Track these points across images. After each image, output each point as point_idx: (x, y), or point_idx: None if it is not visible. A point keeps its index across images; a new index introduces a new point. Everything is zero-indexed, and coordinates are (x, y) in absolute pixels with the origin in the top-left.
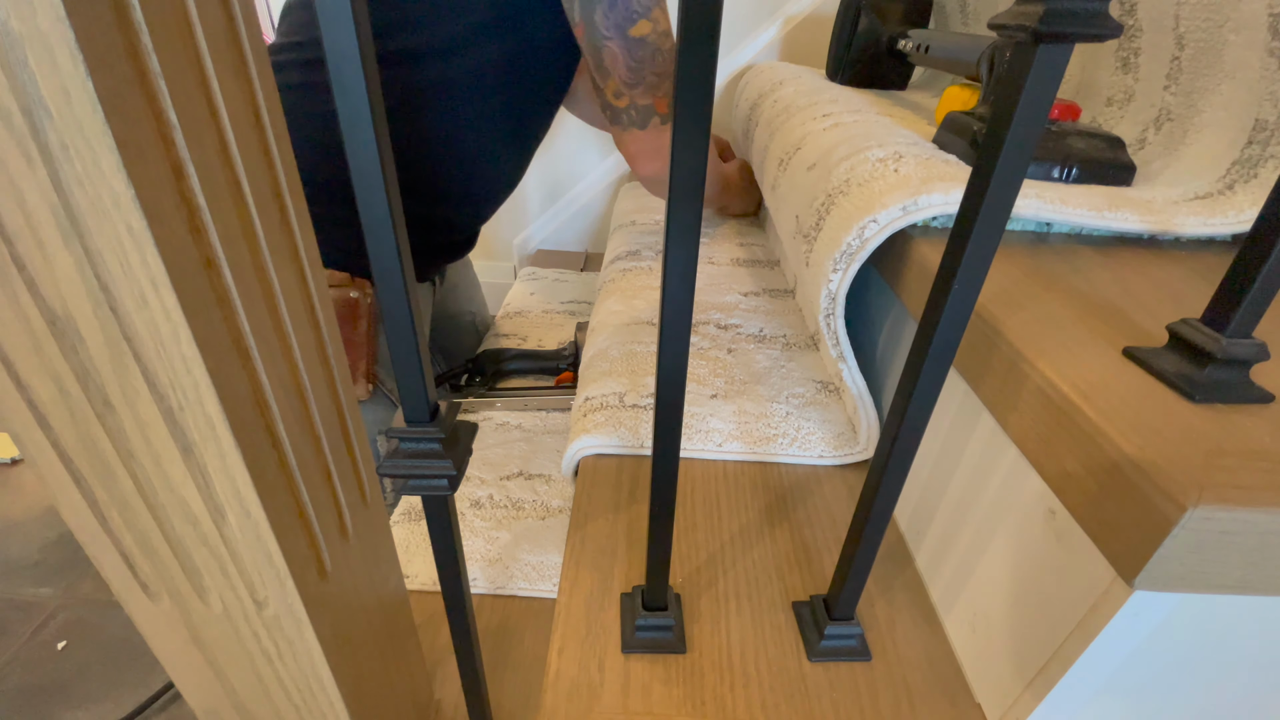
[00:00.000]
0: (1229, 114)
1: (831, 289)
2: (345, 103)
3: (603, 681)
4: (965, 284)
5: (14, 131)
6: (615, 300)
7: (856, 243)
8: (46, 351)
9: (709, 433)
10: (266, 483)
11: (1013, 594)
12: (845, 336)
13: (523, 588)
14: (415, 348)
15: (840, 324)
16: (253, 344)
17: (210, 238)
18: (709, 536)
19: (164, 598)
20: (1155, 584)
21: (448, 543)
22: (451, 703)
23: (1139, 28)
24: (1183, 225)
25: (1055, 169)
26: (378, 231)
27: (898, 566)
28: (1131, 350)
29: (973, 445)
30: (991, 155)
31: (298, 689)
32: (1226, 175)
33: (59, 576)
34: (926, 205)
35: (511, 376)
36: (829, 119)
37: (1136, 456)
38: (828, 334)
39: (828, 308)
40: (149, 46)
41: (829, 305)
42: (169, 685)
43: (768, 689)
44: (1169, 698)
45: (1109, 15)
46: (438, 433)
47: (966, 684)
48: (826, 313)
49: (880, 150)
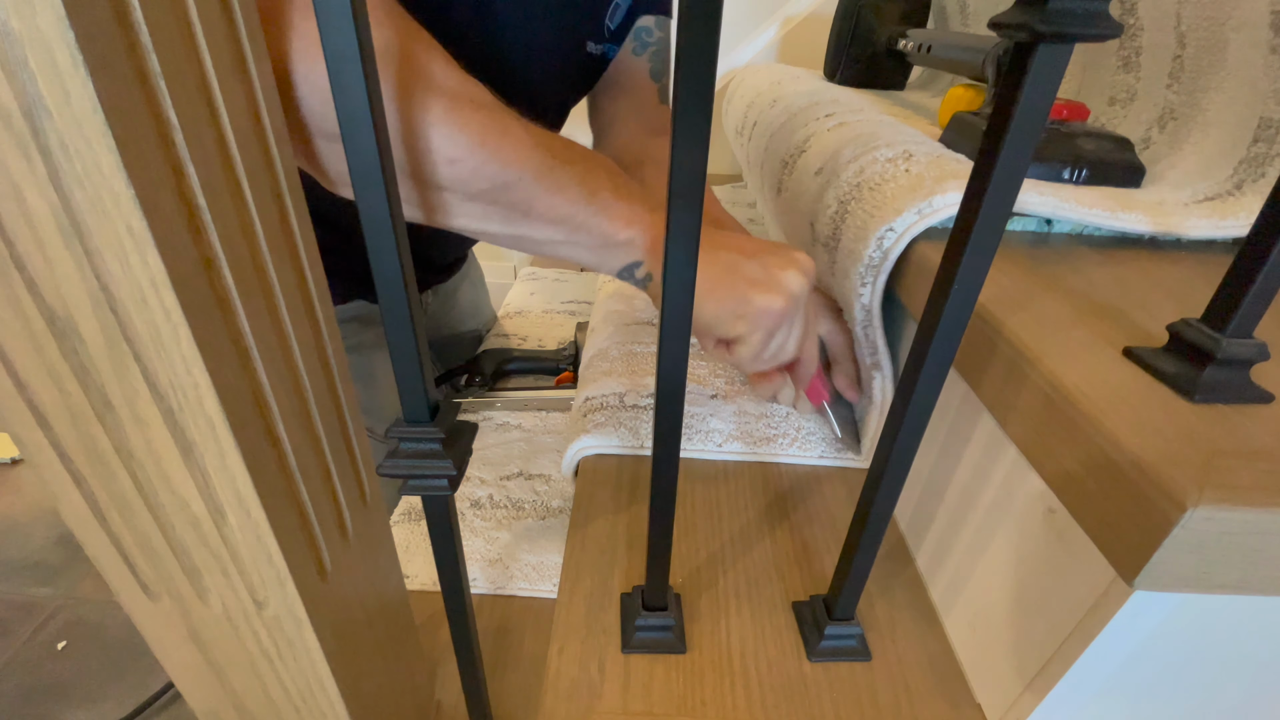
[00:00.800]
0: (1233, 112)
1: (865, 303)
2: (345, 102)
3: (603, 681)
4: (965, 284)
5: (14, 131)
6: (615, 300)
7: (878, 255)
8: (46, 351)
9: (709, 433)
10: (266, 483)
11: (1013, 594)
12: (885, 345)
13: (523, 588)
14: (415, 348)
15: (879, 334)
16: (253, 344)
17: (210, 238)
18: (709, 536)
19: (164, 598)
20: (1155, 584)
21: (448, 543)
22: (451, 703)
23: (1140, 26)
24: (1194, 228)
25: (1065, 170)
26: (378, 231)
27: (898, 566)
28: (1132, 350)
29: (973, 445)
30: (991, 155)
31: (298, 689)
32: (1234, 174)
33: (59, 576)
34: (941, 205)
35: (511, 376)
36: (833, 119)
37: (1136, 456)
38: (865, 344)
39: (864, 320)
40: (149, 46)
41: (865, 318)
42: (169, 685)
43: (768, 689)
44: (1169, 698)
45: (1109, 14)
46: (437, 433)
47: (966, 684)
48: (864, 324)
49: (889, 150)
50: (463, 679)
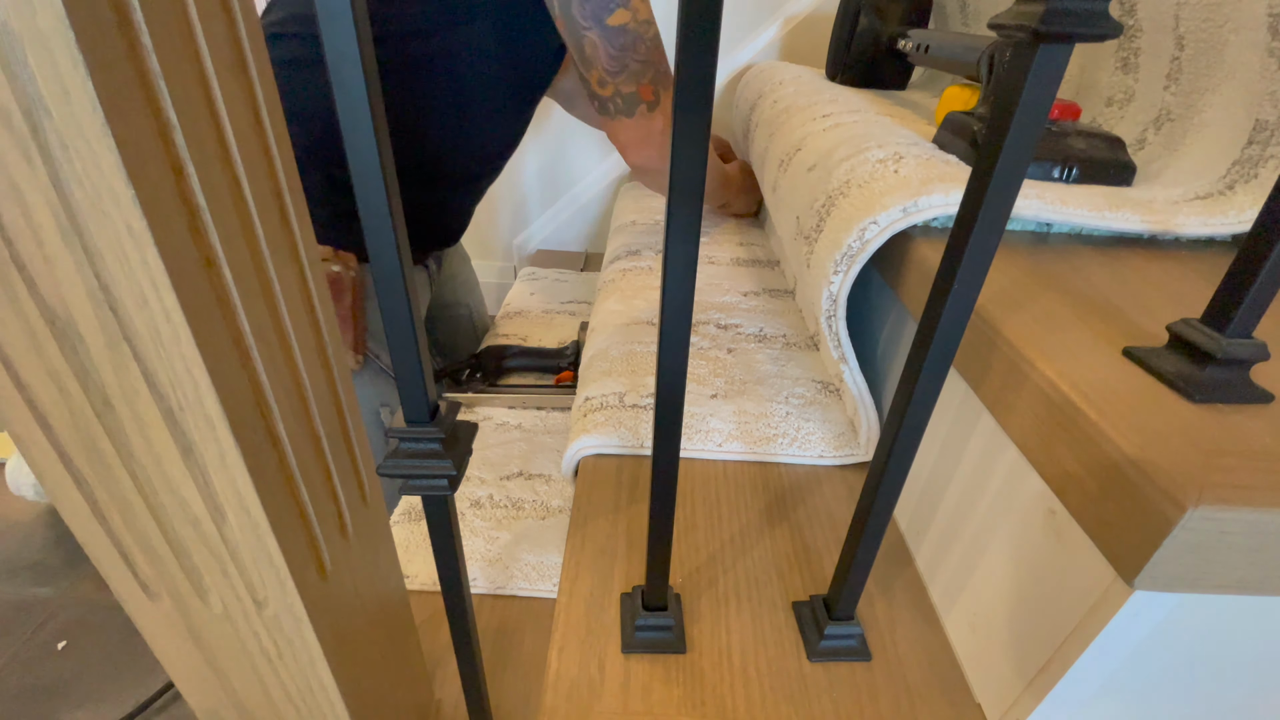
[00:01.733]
0: (1229, 114)
1: (833, 291)
2: (345, 101)
3: (603, 681)
4: (965, 284)
5: (14, 131)
6: (615, 300)
7: (857, 244)
8: (46, 351)
9: (709, 433)
10: (266, 483)
11: (1013, 594)
12: (847, 338)
13: (523, 588)
14: (415, 348)
15: (842, 325)
16: (253, 344)
17: (210, 238)
18: (709, 536)
19: (164, 598)
20: (1155, 584)
21: (448, 543)
22: (451, 703)
23: (1139, 28)
24: (1183, 225)
25: (1056, 169)
26: (378, 231)
27: (898, 566)
28: (1131, 350)
29: (973, 445)
30: (991, 155)
31: (298, 689)
32: (1227, 175)
33: (59, 576)
34: (927, 206)
35: (512, 374)
36: (829, 119)
37: (1136, 456)
38: (829, 335)
39: (829, 309)
40: (149, 46)
41: (830, 307)
42: (169, 685)
43: (768, 689)
44: (1169, 698)
45: (1109, 15)
46: (438, 433)
47: (966, 684)
48: (828, 314)
49: (880, 151)
50: (463, 679)
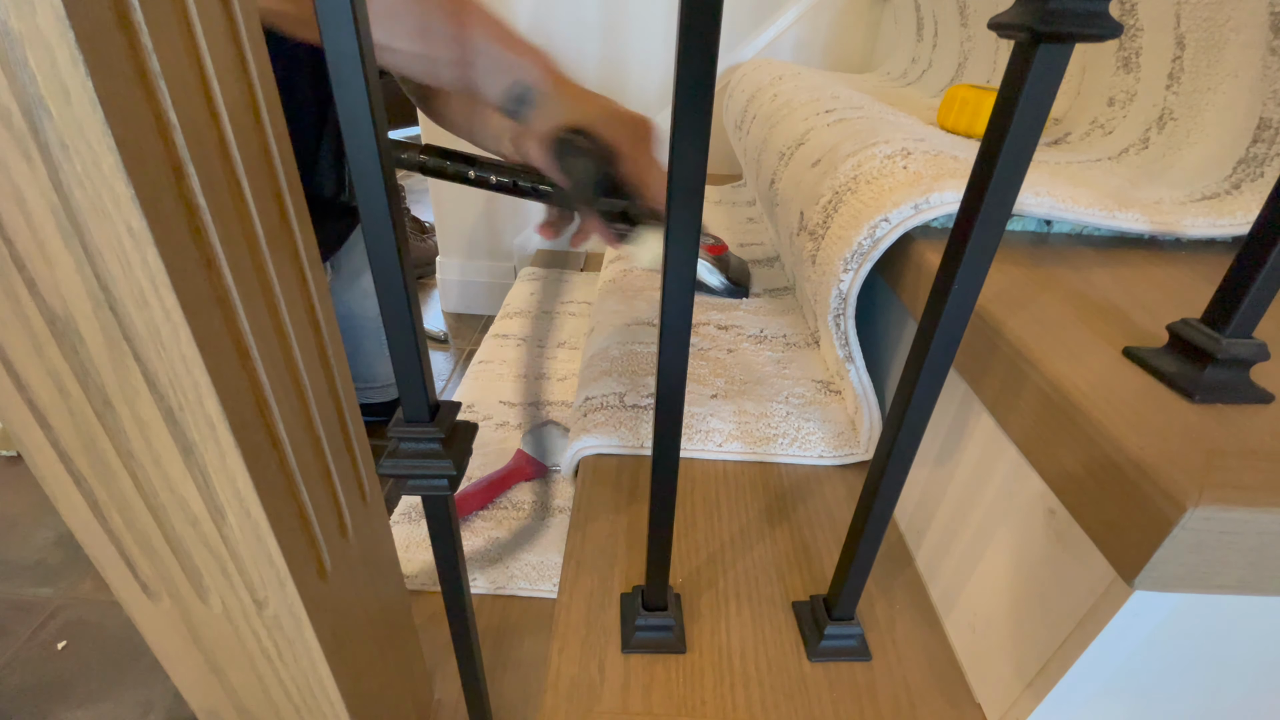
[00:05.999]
0: (1232, 113)
1: (843, 289)
2: (345, 100)
3: (603, 681)
4: (965, 284)
5: (14, 131)
6: (615, 300)
7: (868, 243)
8: (46, 351)
9: (709, 433)
10: (266, 483)
11: (1013, 594)
12: (855, 337)
13: (523, 588)
14: (415, 348)
15: (851, 324)
16: (253, 344)
17: (210, 238)
18: (709, 536)
19: (164, 598)
20: (1155, 584)
21: (448, 543)
22: (451, 703)
23: (1139, 27)
24: (1191, 226)
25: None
26: (378, 231)
27: (898, 566)
28: (1131, 350)
29: (973, 445)
30: (991, 155)
31: (298, 689)
32: (1233, 174)
33: (59, 576)
34: (939, 203)
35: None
36: (832, 114)
37: (1136, 456)
38: (836, 334)
39: (838, 308)
40: (149, 46)
41: (839, 305)
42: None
43: (768, 689)
44: (1169, 698)
45: (1109, 15)
46: (437, 432)
47: (966, 684)
48: (836, 313)
49: (888, 146)
50: (463, 679)
